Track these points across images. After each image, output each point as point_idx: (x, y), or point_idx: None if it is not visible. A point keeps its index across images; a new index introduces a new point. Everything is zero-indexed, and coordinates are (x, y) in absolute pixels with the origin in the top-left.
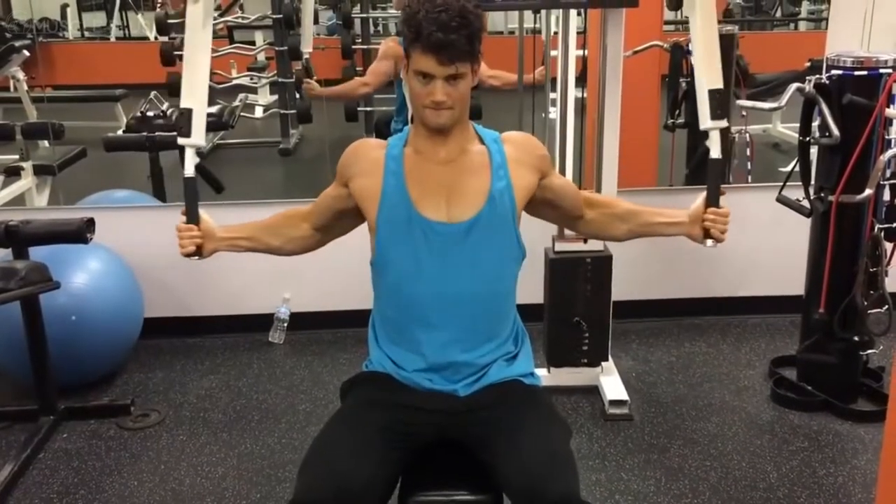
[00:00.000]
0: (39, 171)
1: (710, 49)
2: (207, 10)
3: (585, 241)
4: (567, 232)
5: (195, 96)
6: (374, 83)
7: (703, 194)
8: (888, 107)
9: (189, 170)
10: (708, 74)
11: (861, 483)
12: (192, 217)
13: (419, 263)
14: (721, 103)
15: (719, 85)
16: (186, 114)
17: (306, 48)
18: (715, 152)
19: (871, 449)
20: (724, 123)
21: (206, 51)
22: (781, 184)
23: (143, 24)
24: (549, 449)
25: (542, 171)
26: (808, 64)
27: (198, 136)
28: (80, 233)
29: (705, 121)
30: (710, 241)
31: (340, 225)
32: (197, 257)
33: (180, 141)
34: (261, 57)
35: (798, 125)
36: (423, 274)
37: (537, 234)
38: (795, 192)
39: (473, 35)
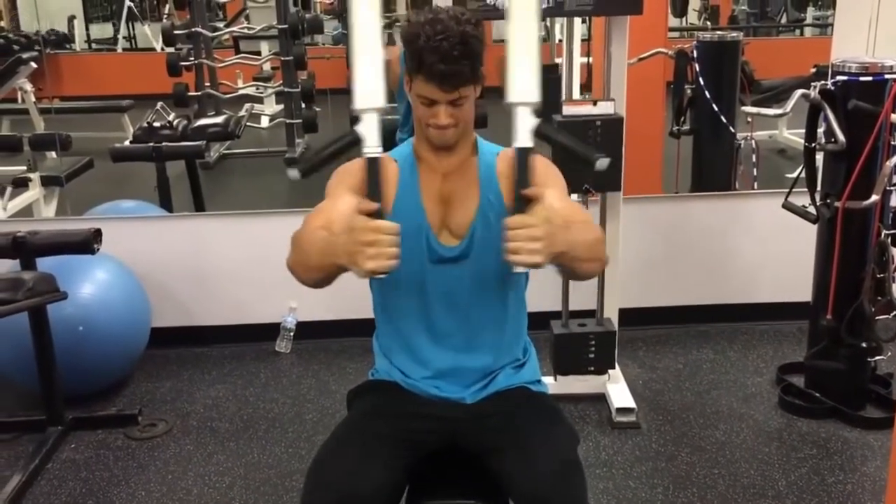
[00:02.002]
0: (47, 181)
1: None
2: None
3: (595, 103)
4: (575, 95)
5: (381, 49)
6: None
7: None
8: (894, 112)
9: (375, 141)
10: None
11: (870, 490)
12: (377, 200)
13: (422, 273)
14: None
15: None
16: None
17: None
18: (521, 138)
19: (880, 456)
20: (530, 97)
21: (378, 37)
22: (787, 190)
23: (149, 35)
24: (556, 456)
25: None
26: (813, 70)
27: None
28: (88, 243)
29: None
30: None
31: None
32: (384, 274)
33: (364, 104)
34: (266, 67)
35: (804, 131)
36: (426, 282)
37: None
38: (801, 199)
39: (476, 60)
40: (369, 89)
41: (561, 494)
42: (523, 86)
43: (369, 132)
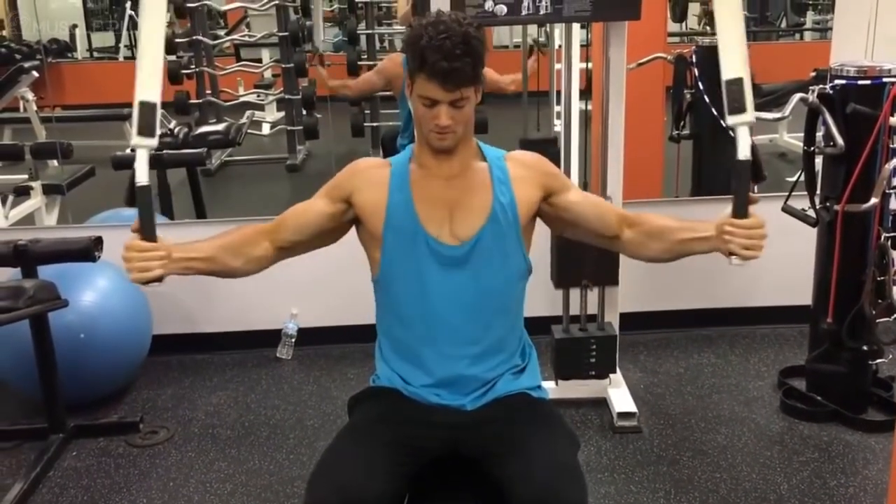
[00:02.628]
0: (48, 190)
1: (731, 35)
2: None
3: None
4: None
5: (154, 88)
6: (355, 89)
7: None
8: (892, 116)
9: (143, 177)
10: (727, 63)
11: (872, 493)
12: (150, 233)
13: (423, 278)
14: (738, 94)
15: (738, 74)
16: (147, 109)
17: (319, 38)
18: (741, 152)
19: (882, 459)
20: (747, 118)
21: (161, 36)
22: (787, 194)
23: None
24: (556, 461)
25: (547, 188)
26: (812, 74)
27: (155, 136)
28: (89, 251)
29: (727, 117)
30: (734, 259)
31: (313, 243)
32: (158, 283)
33: (135, 141)
34: (267, 74)
35: (803, 135)
36: (428, 290)
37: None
38: (801, 202)
39: (477, 60)
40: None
41: (561, 500)
42: (743, 109)
43: (141, 168)
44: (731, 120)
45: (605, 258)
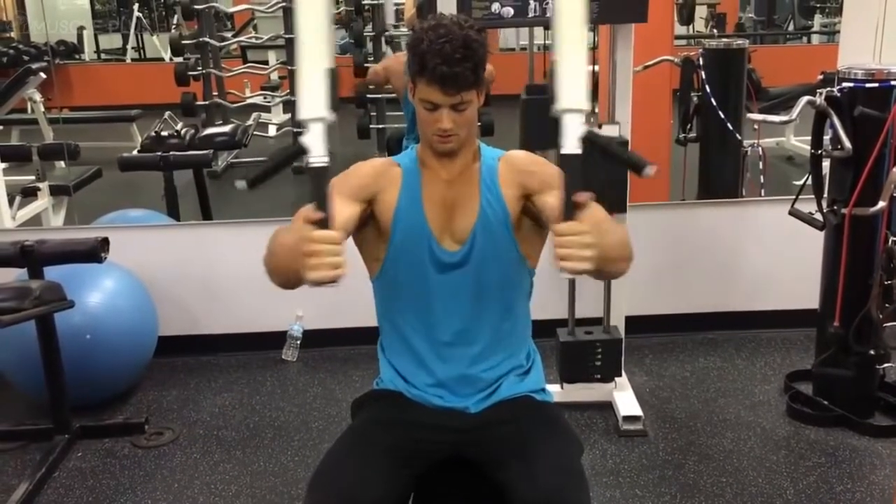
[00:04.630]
0: (55, 191)
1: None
2: None
3: (600, 126)
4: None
5: (326, 58)
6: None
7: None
8: None
9: (320, 151)
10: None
11: (879, 499)
12: (326, 222)
13: (424, 277)
14: (565, 81)
15: (569, 64)
16: (332, 75)
17: None
18: (568, 145)
19: (889, 464)
20: (573, 104)
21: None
22: (794, 197)
23: (158, 45)
24: (560, 465)
25: (524, 187)
26: (820, 77)
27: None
28: (95, 252)
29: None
30: (561, 271)
31: None
32: (334, 284)
33: (310, 114)
34: (274, 76)
35: (810, 138)
36: (429, 288)
37: None
38: (808, 206)
39: (478, 64)
40: (313, 99)
41: (564, 503)
42: (573, 93)
43: (314, 142)
44: (557, 106)
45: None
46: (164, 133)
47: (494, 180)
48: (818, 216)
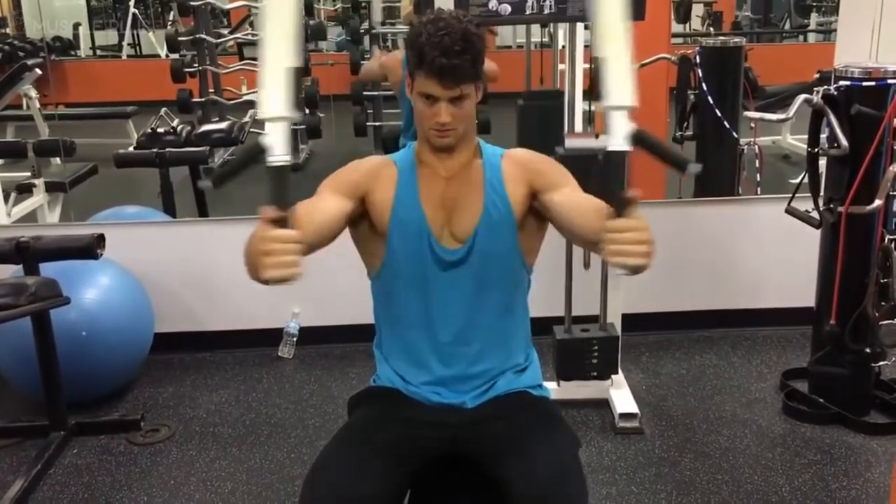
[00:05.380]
0: (51, 187)
1: (610, 13)
2: None
3: (597, 136)
4: (577, 129)
5: (291, 57)
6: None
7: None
8: None
9: (281, 150)
10: (600, 44)
11: (874, 496)
12: (284, 209)
13: (425, 277)
14: (613, 76)
15: (604, 54)
16: (294, 74)
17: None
18: (613, 141)
19: (885, 461)
20: (625, 101)
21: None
22: (791, 195)
23: (154, 41)
24: (556, 460)
25: (532, 185)
26: (816, 75)
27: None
28: (91, 248)
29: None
30: (617, 269)
31: (327, 243)
32: (292, 281)
33: (271, 113)
34: None
35: (807, 136)
36: (429, 287)
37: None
38: (805, 204)
39: (476, 57)
40: (275, 97)
41: (560, 500)
42: (620, 90)
43: (275, 141)
44: (603, 103)
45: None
46: (161, 130)
47: (499, 178)
48: (815, 214)
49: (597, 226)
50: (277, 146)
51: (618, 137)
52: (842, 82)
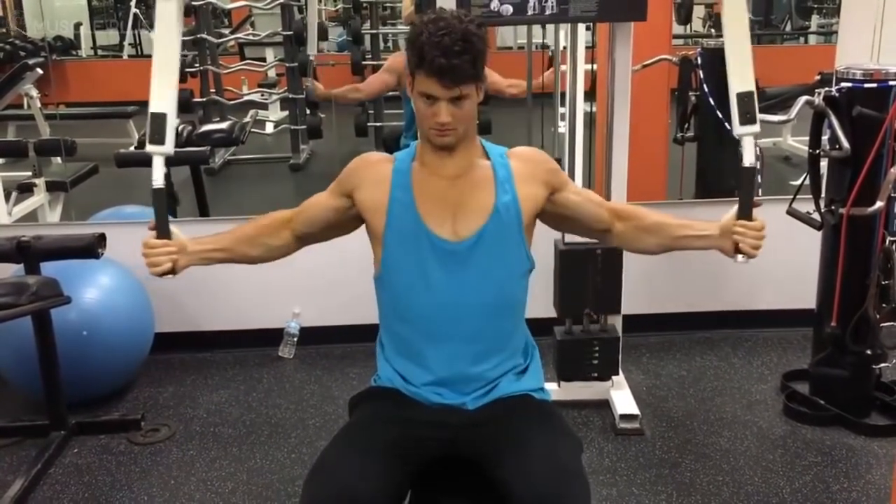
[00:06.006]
0: (52, 187)
1: (739, 49)
2: (180, 7)
3: None
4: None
5: (167, 100)
6: (367, 91)
7: (736, 206)
8: None
9: (158, 180)
10: (737, 77)
11: (875, 498)
12: (164, 231)
13: (426, 276)
14: (751, 107)
15: (748, 88)
16: (158, 119)
17: (311, 51)
18: (747, 159)
19: (885, 463)
20: (755, 128)
21: (177, 51)
22: (792, 197)
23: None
24: (559, 464)
25: (551, 186)
26: (818, 77)
27: (169, 143)
28: (92, 248)
29: (736, 126)
30: (740, 257)
31: (326, 234)
32: (171, 275)
33: (150, 149)
34: (271, 73)
35: (808, 138)
36: (430, 287)
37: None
38: (806, 205)
39: (477, 57)
40: (157, 137)
41: (562, 503)
42: (749, 118)
43: (156, 171)
44: (740, 130)
45: (608, 286)
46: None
47: (510, 179)
48: (816, 216)
49: (602, 215)
50: (157, 175)
51: (750, 156)
52: (843, 84)
